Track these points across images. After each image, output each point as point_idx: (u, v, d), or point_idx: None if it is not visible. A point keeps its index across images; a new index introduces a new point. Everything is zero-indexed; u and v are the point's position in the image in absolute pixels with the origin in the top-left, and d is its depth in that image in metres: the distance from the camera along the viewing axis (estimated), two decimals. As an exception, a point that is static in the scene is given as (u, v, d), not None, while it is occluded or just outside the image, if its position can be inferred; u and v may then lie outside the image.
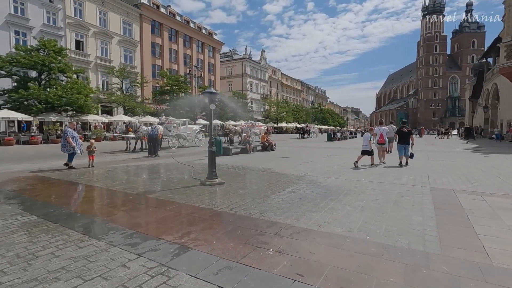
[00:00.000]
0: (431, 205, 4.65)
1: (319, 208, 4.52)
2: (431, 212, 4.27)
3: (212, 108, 6.40)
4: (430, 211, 4.34)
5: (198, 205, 4.70)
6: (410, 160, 9.73)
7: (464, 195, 5.33)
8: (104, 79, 34.68)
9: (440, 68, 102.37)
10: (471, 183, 6.45)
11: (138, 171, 8.66)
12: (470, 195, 5.35)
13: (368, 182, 6.61)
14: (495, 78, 31.43)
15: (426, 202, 4.83)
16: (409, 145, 9.59)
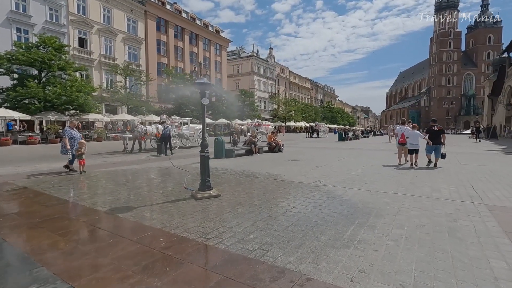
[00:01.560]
0: (504, 237, 3.29)
1: (345, 240, 3.22)
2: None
3: (204, 103, 5.15)
4: (509, 247, 3.00)
5: (177, 233, 3.46)
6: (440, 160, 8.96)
7: (540, 219, 3.94)
8: (108, 77, 33.94)
9: (454, 65, 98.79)
10: (536, 198, 5.03)
11: (125, 177, 7.50)
12: (548, 218, 3.95)
13: (401, 196, 5.26)
14: (520, 73, 29.29)
15: (495, 232, 3.47)
16: (441, 145, 8.85)
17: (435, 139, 8.82)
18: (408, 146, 9.15)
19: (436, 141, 8.83)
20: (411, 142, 9.07)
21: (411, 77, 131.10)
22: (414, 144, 9.01)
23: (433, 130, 8.96)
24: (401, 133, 9.50)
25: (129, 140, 14.49)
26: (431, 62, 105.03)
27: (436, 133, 8.84)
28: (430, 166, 8.93)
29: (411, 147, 9.06)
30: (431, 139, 8.87)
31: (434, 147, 8.88)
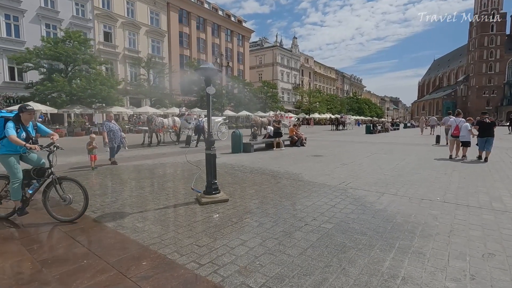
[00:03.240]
0: None
1: (383, 276, 2.35)
2: None
3: (210, 92, 4.41)
4: None
5: (166, 253, 2.77)
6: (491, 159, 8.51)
7: None
8: (132, 71, 34.37)
9: (497, 50, 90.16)
10: None
11: (134, 174, 7.02)
12: None
13: (451, 206, 4.22)
14: None
15: None
16: (492, 138, 8.45)
17: (486, 131, 8.39)
18: (461, 138, 8.92)
19: (488, 134, 8.37)
20: (462, 134, 8.87)
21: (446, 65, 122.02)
22: (464, 136, 8.80)
23: (484, 122, 8.56)
24: (455, 125, 9.23)
25: (146, 133, 14.23)
26: (470, 48, 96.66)
27: (487, 125, 8.44)
28: (480, 160, 8.52)
29: (463, 139, 8.85)
30: (482, 131, 8.45)
31: (485, 139, 8.42)
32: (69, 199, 3.76)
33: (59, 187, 3.73)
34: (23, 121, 3.74)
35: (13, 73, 25.39)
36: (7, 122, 3.57)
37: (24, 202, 3.74)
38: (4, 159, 3.60)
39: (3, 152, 3.60)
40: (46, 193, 3.72)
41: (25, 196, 3.74)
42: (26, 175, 3.70)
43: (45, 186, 3.76)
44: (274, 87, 49.20)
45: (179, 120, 15.17)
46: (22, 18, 25.64)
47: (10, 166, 3.60)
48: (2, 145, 3.61)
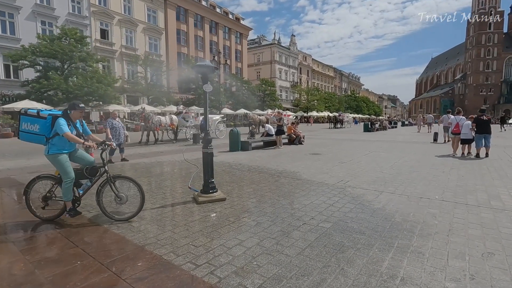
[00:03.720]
0: None
1: (382, 276, 2.32)
2: None
3: (207, 90, 4.34)
4: None
5: (162, 254, 2.72)
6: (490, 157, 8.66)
7: None
8: (129, 68, 34.14)
9: (495, 48, 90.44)
10: None
11: (131, 173, 6.96)
12: None
13: (450, 204, 4.20)
14: None
15: None
16: (490, 135, 8.78)
17: (483, 128, 8.68)
18: (462, 136, 9.15)
19: (485, 131, 8.69)
20: (464, 132, 9.07)
21: (444, 63, 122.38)
22: (466, 133, 8.99)
23: (481, 119, 8.79)
24: (455, 123, 9.50)
25: (144, 132, 14.13)
26: (468, 46, 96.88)
27: (484, 123, 8.71)
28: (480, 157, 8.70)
29: (464, 137, 9.08)
30: (480, 128, 8.71)
31: (482, 136, 8.74)
32: (125, 197, 3.71)
33: (114, 185, 3.66)
34: (72, 119, 3.63)
35: (9, 70, 25.14)
36: (58, 119, 3.44)
37: (75, 202, 3.65)
38: (55, 158, 3.47)
39: (54, 151, 3.47)
40: (100, 192, 3.64)
41: (75, 195, 3.66)
42: (76, 174, 3.60)
43: (99, 185, 3.66)
44: (272, 85, 49.10)
45: (176, 118, 15.09)
46: (17, 15, 25.36)
47: (62, 165, 3.47)
48: (52, 144, 3.48)
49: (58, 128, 3.41)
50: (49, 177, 3.70)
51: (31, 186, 3.61)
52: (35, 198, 3.75)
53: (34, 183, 3.63)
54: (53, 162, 3.50)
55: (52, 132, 3.48)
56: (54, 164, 3.51)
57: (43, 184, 3.73)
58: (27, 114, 3.57)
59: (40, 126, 3.51)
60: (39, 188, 3.75)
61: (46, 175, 3.73)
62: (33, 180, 3.62)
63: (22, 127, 3.58)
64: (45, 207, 3.67)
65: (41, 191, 3.73)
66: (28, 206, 3.64)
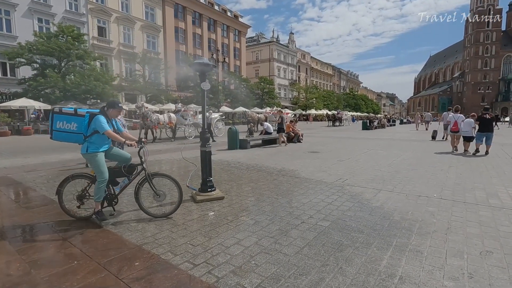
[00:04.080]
0: None
1: (380, 275, 2.31)
2: None
3: (205, 88, 4.32)
4: None
5: (160, 253, 2.70)
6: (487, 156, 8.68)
7: None
8: (127, 66, 33.95)
9: (493, 46, 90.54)
10: None
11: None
12: None
13: (448, 202, 4.20)
14: None
15: None
16: (492, 133, 8.90)
17: (486, 127, 8.83)
18: (462, 133, 9.33)
19: (487, 129, 8.82)
20: (465, 130, 9.23)
21: (442, 61, 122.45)
22: (467, 131, 9.14)
23: (484, 118, 8.95)
24: (454, 121, 9.68)
25: (142, 130, 14.06)
26: (466, 44, 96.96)
27: (488, 121, 8.87)
28: (477, 154, 8.87)
29: (465, 134, 9.21)
30: (483, 126, 8.88)
31: (484, 134, 8.85)
32: (164, 194, 3.75)
33: (152, 183, 3.67)
34: (109, 117, 3.59)
35: (5, 68, 24.93)
36: (97, 117, 3.39)
37: (111, 200, 3.64)
38: (93, 158, 3.42)
39: (93, 149, 3.43)
40: (139, 190, 3.64)
41: (112, 194, 3.65)
42: (111, 173, 3.58)
43: (138, 183, 3.67)
44: (270, 83, 49.03)
45: (174, 116, 15.03)
46: (13, 13, 25.12)
47: (99, 164, 3.43)
48: (91, 142, 3.44)
49: (99, 126, 3.37)
50: (84, 176, 3.68)
51: (64, 185, 3.58)
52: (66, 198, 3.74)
53: (68, 182, 3.60)
54: (91, 160, 3.47)
55: (90, 130, 3.43)
56: (91, 163, 3.48)
57: (75, 183, 3.69)
58: (62, 113, 3.49)
59: (78, 125, 3.44)
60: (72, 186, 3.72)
61: (80, 174, 3.70)
62: (67, 179, 3.59)
63: (57, 126, 3.48)
64: (80, 206, 3.66)
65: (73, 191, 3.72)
66: (61, 205, 3.61)
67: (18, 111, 22.61)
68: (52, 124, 3.50)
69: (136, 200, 3.66)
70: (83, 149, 3.45)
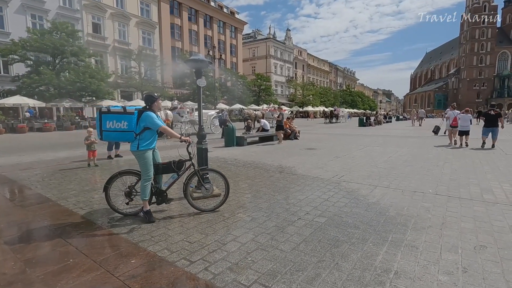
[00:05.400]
0: None
1: (376, 270, 2.33)
2: None
3: (201, 84, 4.29)
4: None
5: (156, 251, 2.70)
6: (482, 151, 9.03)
7: None
8: (123, 63, 33.64)
9: (488, 43, 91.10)
10: None
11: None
12: None
13: (443, 198, 4.23)
14: None
15: None
16: (497, 128, 9.51)
17: (491, 122, 9.50)
18: (459, 128, 10.11)
19: (492, 124, 9.49)
20: (462, 125, 10.04)
21: (438, 58, 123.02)
22: (465, 126, 9.97)
23: (489, 114, 9.63)
24: (453, 117, 10.41)
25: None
26: (462, 41, 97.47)
27: (492, 117, 9.54)
28: (484, 147, 9.53)
29: (462, 129, 10.05)
30: (488, 122, 9.56)
31: (490, 129, 9.54)
32: (212, 188, 3.95)
33: (201, 177, 3.80)
34: (156, 111, 3.53)
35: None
36: (147, 113, 3.35)
37: (159, 196, 3.62)
38: (143, 155, 3.38)
39: (145, 147, 3.38)
40: (188, 185, 3.71)
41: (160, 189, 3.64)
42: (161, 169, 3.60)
43: (186, 178, 3.73)
44: (267, 80, 48.92)
45: (171, 113, 14.97)
46: (6, 9, 24.75)
47: (147, 161, 3.40)
48: (142, 139, 3.38)
49: (152, 123, 3.35)
50: (132, 173, 3.68)
51: (111, 182, 3.59)
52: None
53: (115, 179, 3.61)
54: (141, 158, 3.41)
55: (140, 127, 3.37)
56: (141, 160, 3.43)
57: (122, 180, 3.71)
58: (111, 112, 3.44)
59: (128, 123, 3.38)
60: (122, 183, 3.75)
61: (129, 171, 3.71)
62: (115, 175, 3.60)
63: (106, 126, 3.42)
64: (129, 202, 3.66)
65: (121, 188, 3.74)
66: (108, 201, 3.62)
67: (12, 109, 22.35)
68: (101, 124, 3.46)
69: (185, 196, 3.73)
70: (134, 147, 3.42)
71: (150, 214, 3.49)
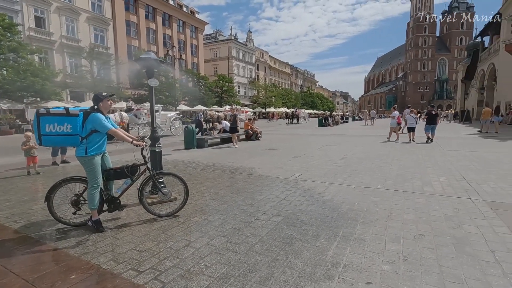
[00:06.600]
0: (524, 251, 2.62)
1: (327, 265, 2.40)
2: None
3: (153, 84, 4.10)
4: (536, 269, 2.31)
5: (101, 263, 2.49)
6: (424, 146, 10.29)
7: (552, 219, 3.33)
8: (72, 61, 31.09)
9: (429, 50, 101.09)
10: (536, 191, 4.48)
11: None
12: (560, 218, 3.36)
13: (390, 192, 4.55)
14: (493, 57, 29.84)
15: (510, 242, 2.79)
16: (436, 125, 11.47)
17: (432, 120, 11.41)
18: (408, 125, 12.13)
19: (433, 122, 11.39)
20: (410, 122, 12.01)
21: (388, 62, 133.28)
22: (412, 123, 11.91)
23: (431, 113, 11.65)
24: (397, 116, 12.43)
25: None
26: (408, 47, 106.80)
27: (433, 116, 11.48)
28: (428, 142, 11.20)
29: (410, 125, 11.97)
30: (429, 120, 11.45)
31: (431, 127, 11.38)
32: (169, 193, 3.74)
33: (157, 182, 3.63)
34: (104, 112, 3.21)
35: None
36: (94, 115, 3.04)
37: (110, 203, 3.35)
38: (90, 161, 3.07)
39: (94, 152, 3.08)
40: (143, 190, 3.53)
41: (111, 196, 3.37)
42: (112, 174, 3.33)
43: (141, 183, 3.52)
44: (230, 81, 48.74)
45: (127, 115, 14.16)
46: None
47: (95, 168, 3.10)
48: (89, 143, 3.07)
49: (100, 125, 3.04)
50: (79, 180, 3.35)
51: (54, 190, 3.23)
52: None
53: (59, 188, 3.23)
54: (88, 164, 3.08)
55: (86, 130, 3.06)
56: (88, 166, 3.10)
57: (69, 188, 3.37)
58: (52, 114, 3.04)
59: (72, 125, 3.03)
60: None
61: (74, 178, 3.37)
62: (58, 184, 3.21)
63: (46, 130, 3.04)
64: (77, 212, 3.33)
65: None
66: (51, 212, 3.22)
67: None
68: (39, 128, 3.05)
69: (140, 201, 3.54)
70: (81, 152, 3.08)
71: (99, 224, 3.23)
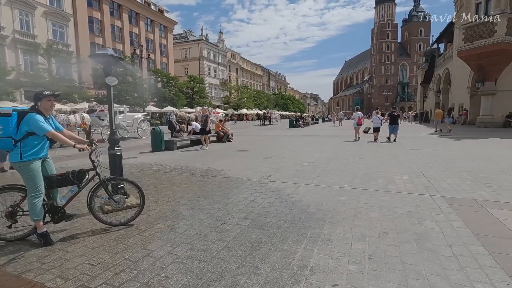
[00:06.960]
0: (478, 244, 2.74)
1: (294, 269, 2.34)
2: (499, 272, 2.34)
3: (111, 83, 3.81)
4: (489, 261, 2.42)
5: (46, 281, 2.21)
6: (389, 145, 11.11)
7: (504, 213, 3.57)
8: (27, 59, 28.71)
9: (392, 55, 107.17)
10: (487, 186, 4.82)
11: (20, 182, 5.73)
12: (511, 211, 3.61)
13: (356, 191, 4.64)
14: (447, 63, 32.26)
15: (465, 236, 2.92)
16: (398, 125, 12.32)
17: (394, 120, 12.21)
18: (373, 125, 12.68)
19: (395, 122, 12.21)
20: (375, 123, 12.62)
21: (355, 66, 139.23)
22: (377, 123, 12.61)
23: (393, 114, 12.46)
24: (357, 117, 13.16)
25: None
26: (372, 52, 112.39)
27: (395, 117, 12.36)
28: (391, 141, 12.04)
29: (375, 126, 12.61)
30: (392, 120, 12.23)
31: (393, 126, 12.15)
32: (122, 200, 3.47)
33: (108, 189, 3.35)
34: (44, 113, 2.86)
35: None
36: (31, 115, 2.72)
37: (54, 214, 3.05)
38: (26, 167, 2.74)
39: (30, 157, 2.75)
40: (93, 197, 3.23)
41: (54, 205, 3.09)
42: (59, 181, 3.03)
43: (91, 190, 3.24)
44: (201, 82, 47.96)
45: (88, 117, 13.30)
46: None
47: (34, 174, 2.78)
48: (25, 147, 2.73)
49: (37, 127, 2.70)
50: (13, 188, 3.01)
51: None
52: None
53: None
54: (24, 170, 2.72)
55: (21, 132, 2.72)
56: (25, 173, 2.74)
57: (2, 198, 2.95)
58: None
59: (3, 127, 2.67)
60: None
61: (8, 186, 2.97)
62: None
63: None
64: (12, 225, 2.97)
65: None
66: None
67: None
68: None
69: (89, 210, 3.25)
70: (15, 157, 2.71)
71: (46, 236, 2.90)
